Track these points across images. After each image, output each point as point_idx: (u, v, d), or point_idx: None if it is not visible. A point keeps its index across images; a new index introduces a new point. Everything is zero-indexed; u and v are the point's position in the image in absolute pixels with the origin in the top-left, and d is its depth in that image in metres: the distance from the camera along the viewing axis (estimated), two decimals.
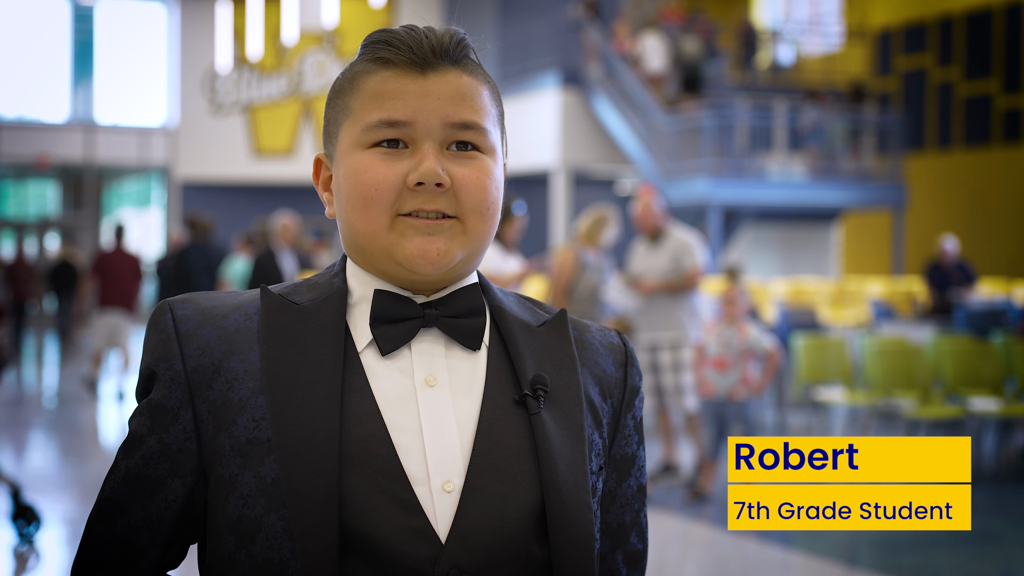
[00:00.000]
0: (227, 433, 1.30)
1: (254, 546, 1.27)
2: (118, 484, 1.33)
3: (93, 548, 1.34)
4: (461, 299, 1.38)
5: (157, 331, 1.35)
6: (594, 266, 7.96)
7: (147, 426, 1.33)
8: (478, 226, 1.36)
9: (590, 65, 18.31)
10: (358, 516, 1.26)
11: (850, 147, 17.23)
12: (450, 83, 1.36)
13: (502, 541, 1.29)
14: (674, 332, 7.68)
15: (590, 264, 7.95)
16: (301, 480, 1.26)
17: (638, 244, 7.99)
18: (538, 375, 1.37)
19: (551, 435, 1.34)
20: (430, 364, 1.35)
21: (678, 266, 7.68)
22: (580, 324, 1.47)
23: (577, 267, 7.95)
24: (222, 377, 1.32)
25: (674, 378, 7.64)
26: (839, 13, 21.88)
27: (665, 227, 7.86)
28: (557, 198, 19.01)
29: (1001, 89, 18.37)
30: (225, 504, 1.30)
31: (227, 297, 1.39)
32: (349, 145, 1.36)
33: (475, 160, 1.36)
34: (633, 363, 1.48)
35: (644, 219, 7.86)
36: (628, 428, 1.45)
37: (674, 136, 17.12)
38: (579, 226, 8.16)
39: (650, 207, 7.84)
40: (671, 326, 7.68)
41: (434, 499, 1.29)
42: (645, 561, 1.48)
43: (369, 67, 1.37)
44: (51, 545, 6.24)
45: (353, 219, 1.35)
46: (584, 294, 7.91)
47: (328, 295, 1.38)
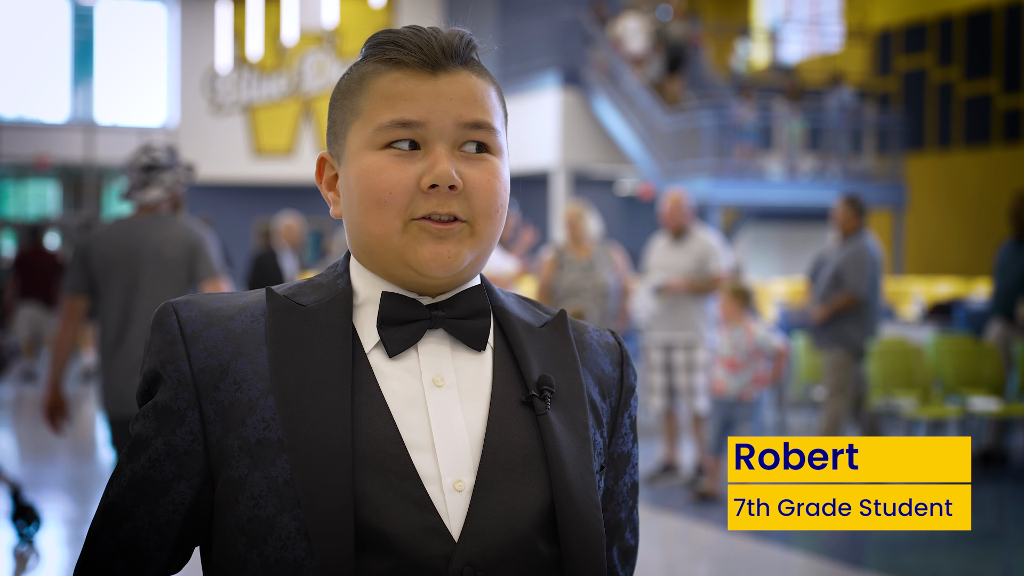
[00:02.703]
0: (236, 434, 1.30)
1: (266, 546, 1.27)
2: (123, 488, 1.33)
3: (98, 554, 1.33)
4: (467, 301, 1.39)
5: (162, 333, 1.35)
6: (576, 264, 7.97)
7: (152, 428, 1.33)
8: (487, 228, 1.36)
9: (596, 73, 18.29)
10: (372, 514, 1.27)
11: (809, 146, 17.09)
12: (461, 84, 1.36)
13: (513, 539, 1.30)
14: (689, 333, 7.70)
15: (568, 263, 7.96)
16: (315, 480, 1.26)
17: (659, 239, 7.96)
18: (544, 376, 1.38)
19: (559, 435, 1.36)
20: (437, 365, 1.36)
21: (702, 268, 7.69)
22: (578, 324, 1.49)
23: (554, 267, 7.98)
24: (230, 378, 1.32)
25: (687, 379, 7.67)
26: (839, 13, 21.88)
27: (690, 227, 7.86)
28: (557, 198, 19.00)
29: (1001, 89, 18.36)
30: (235, 505, 1.29)
31: (231, 298, 1.39)
32: (360, 146, 1.36)
33: (485, 162, 1.37)
34: (628, 363, 1.49)
35: (672, 216, 7.85)
36: (625, 427, 1.47)
37: (674, 136, 17.13)
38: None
39: (680, 205, 7.84)
40: (687, 327, 7.71)
41: (446, 498, 1.30)
42: (636, 556, 1.51)
43: (379, 68, 1.37)
44: (51, 545, 6.24)
45: (364, 221, 1.35)
46: (566, 292, 7.91)
47: (333, 296, 1.38)
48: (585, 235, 7.96)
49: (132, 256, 4.87)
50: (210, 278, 4.93)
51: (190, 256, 4.91)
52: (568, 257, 7.97)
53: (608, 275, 7.83)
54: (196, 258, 4.92)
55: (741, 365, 7.14)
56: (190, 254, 4.91)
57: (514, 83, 19.86)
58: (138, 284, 4.85)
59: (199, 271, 4.92)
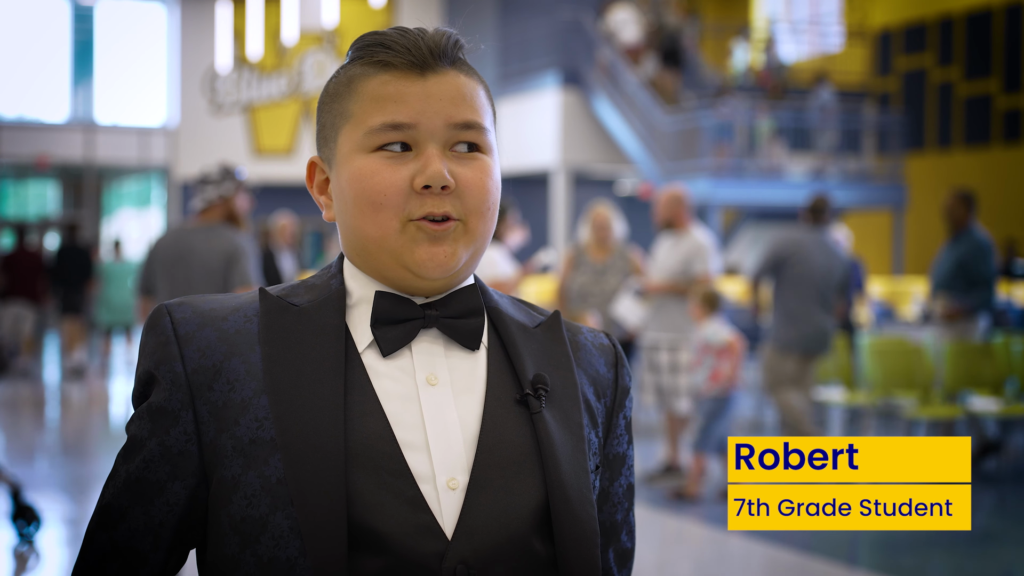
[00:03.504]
0: (229, 434, 1.30)
1: (259, 546, 1.27)
2: (118, 489, 1.33)
3: (95, 555, 1.33)
4: (460, 300, 1.39)
5: (156, 334, 1.35)
6: (590, 267, 7.96)
7: (147, 430, 1.33)
8: (479, 226, 1.37)
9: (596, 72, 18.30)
10: (365, 513, 1.27)
11: (768, 145, 17.05)
12: (450, 84, 1.36)
13: (507, 538, 1.30)
14: (673, 334, 7.65)
15: (583, 264, 7.96)
16: (308, 479, 1.26)
17: (664, 239, 7.92)
18: (539, 375, 1.38)
19: (553, 434, 1.36)
20: (430, 364, 1.36)
21: (688, 269, 7.64)
22: (572, 325, 1.49)
23: (571, 266, 7.98)
24: (223, 378, 1.32)
25: (671, 379, 7.64)
26: (839, 13, 21.88)
27: (684, 225, 7.80)
28: (557, 198, 19.00)
29: (1001, 89, 18.37)
30: (228, 505, 1.29)
31: (225, 299, 1.39)
32: (351, 149, 1.36)
33: (476, 160, 1.37)
34: (623, 364, 1.50)
35: (660, 208, 7.79)
36: (620, 428, 1.47)
37: (674, 136, 17.13)
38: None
39: (671, 200, 7.75)
40: (671, 328, 7.66)
41: (439, 496, 1.30)
42: (632, 559, 1.50)
43: (367, 70, 1.37)
44: (51, 545, 6.24)
45: (360, 224, 1.35)
46: (577, 295, 7.91)
47: (327, 296, 1.38)
48: (609, 238, 7.95)
49: (181, 261, 5.52)
50: (241, 286, 5.45)
51: (227, 264, 5.48)
52: (585, 258, 7.97)
53: (621, 281, 7.82)
54: (232, 266, 5.48)
55: (696, 362, 7.21)
56: (227, 263, 5.48)
57: (514, 83, 19.87)
58: (184, 287, 5.43)
59: (233, 278, 5.47)
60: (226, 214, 5.72)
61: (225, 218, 5.71)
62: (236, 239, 5.54)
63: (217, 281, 5.45)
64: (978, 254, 8.24)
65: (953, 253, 8.34)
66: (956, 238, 8.40)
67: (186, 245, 5.55)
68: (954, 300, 8.31)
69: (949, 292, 8.31)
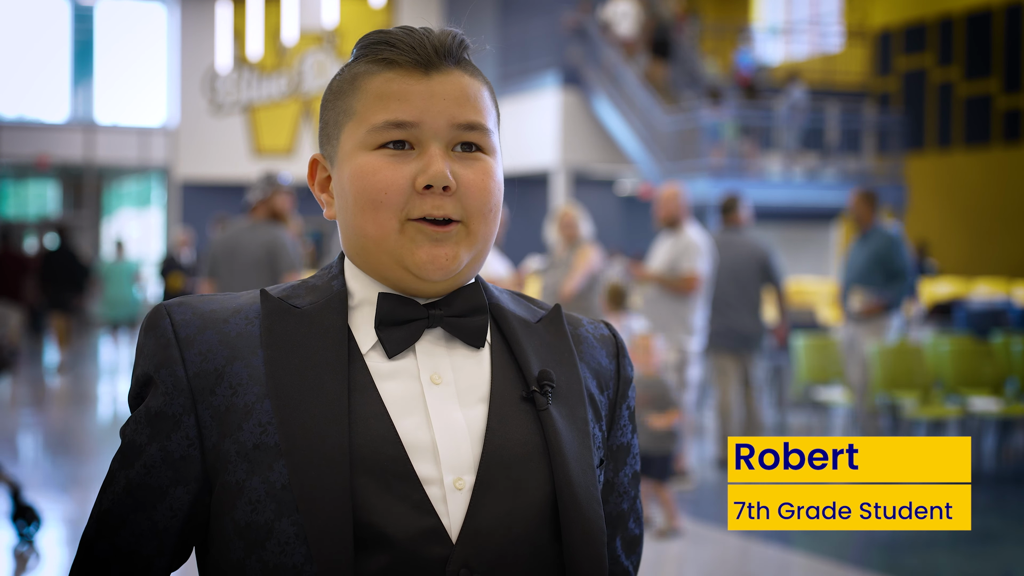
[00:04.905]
0: (232, 439, 1.29)
1: (265, 552, 1.26)
2: (118, 495, 1.31)
3: (93, 563, 1.31)
4: (463, 298, 1.38)
5: (155, 336, 1.33)
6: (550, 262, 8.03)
7: (147, 434, 1.31)
8: (482, 228, 1.36)
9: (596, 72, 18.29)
10: (371, 518, 1.26)
11: (746, 144, 17.03)
12: (454, 84, 1.35)
13: (512, 539, 1.29)
14: (663, 332, 7.66)
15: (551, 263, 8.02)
16: (313, 484, 1.25)
17: (664, 238, 7.92)
18: (544, 371, 1.38)
19: (560, 431, 1.35)
20: (434, 363, 1.35)
21: (675, 266, 7.64)
22: (572, 318, 1.48)
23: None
24: (225, 382, 1.30)
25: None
26: (839, 13, 21.87)
27: (681, 223, 7.79)
28: (557, 198, 18.99)
29: (1001, 89, 18.36)
30: (232, 510, 1.28)
31: (225, 300, 1.37)
32: (353, 147, 1.35)
33: (479, 161, 1.36)
34: (624, 354, 1.49)
35: (660, 206, 7.82)
36: (623, 418, 1.47)
37: (674, 136, 17.12)
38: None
39: (673, 197, 7.78)
40: (661, 327, 7.67)
41: (446, 497, 1.29)
42: (641, 544, 1.50)
43: (371, 68, 1.36)
44: (51, 545, 6.24)
45: (360, 222, 1.34)
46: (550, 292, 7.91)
47: (329, 298, 1.37)
48: (575, 236, 7.96)
49: (233, 254, 6.56)
50: (289, 271, 6.39)
51: (270, 256, 6.47)
52: (552, 257, 8.06)
53: (564, 274, 7.83)
54: (276, 257, 6.46)
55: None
56: (270, 254, 6.47)
57: (514, 83, 19.86)
58: (236, 274, 6.45)
59: (280, 266, 6.43)
60: (269, 212, 6.70)
61: (269, 216, 6.70)
62: (275, 233, 6.55)
63: (263, 269, 6.43)
64: (892, 246, 8.27)
65: (865, 248, 8.36)
66: (865, 235, 8.43)
67: (237, 239, 6.61)
68: (872, 295, 8.28)
69: (866, 287, 8.30)
